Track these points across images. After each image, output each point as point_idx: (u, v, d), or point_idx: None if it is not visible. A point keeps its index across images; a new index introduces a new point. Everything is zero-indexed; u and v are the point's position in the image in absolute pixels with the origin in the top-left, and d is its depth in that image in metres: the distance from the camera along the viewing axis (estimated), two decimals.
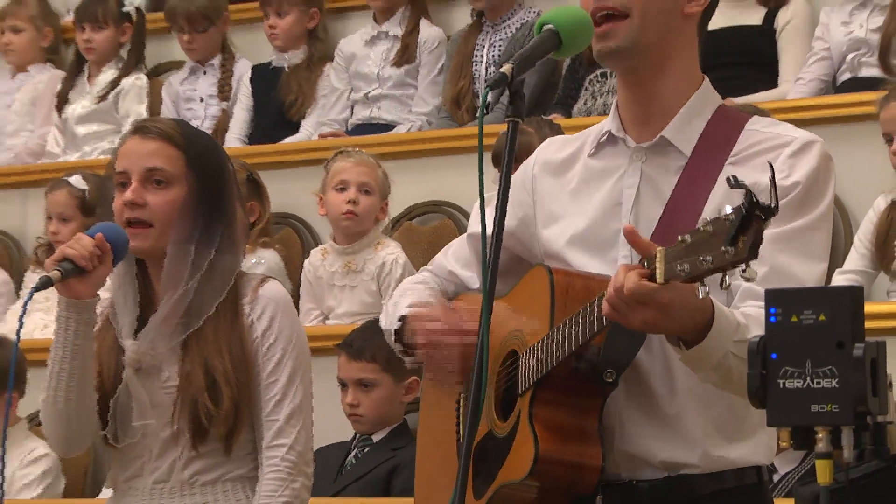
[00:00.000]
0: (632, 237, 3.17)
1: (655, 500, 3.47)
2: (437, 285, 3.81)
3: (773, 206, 2.91)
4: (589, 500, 3.46)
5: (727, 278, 2.98)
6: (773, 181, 2.94)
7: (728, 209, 2.93)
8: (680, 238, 3.06)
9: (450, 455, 3.73)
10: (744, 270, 2.96)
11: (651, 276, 3.09)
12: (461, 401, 3.76)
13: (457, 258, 3.82)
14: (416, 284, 3.82)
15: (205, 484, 4.11)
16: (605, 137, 3.58)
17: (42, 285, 3.99)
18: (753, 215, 2.91)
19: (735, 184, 2.95)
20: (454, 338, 3.53)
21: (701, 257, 2.99)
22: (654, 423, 3.46)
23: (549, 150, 3.71)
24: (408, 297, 3.74)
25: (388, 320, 3.76)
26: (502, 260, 3.57)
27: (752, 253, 2.93)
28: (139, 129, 4.14)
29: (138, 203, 4.05)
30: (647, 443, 3.46)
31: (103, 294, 4.13)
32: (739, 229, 2.93)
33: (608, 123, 3.58)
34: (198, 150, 4.14)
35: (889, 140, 6.00)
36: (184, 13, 8.21)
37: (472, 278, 3.77)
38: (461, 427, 3.74)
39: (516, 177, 3.69)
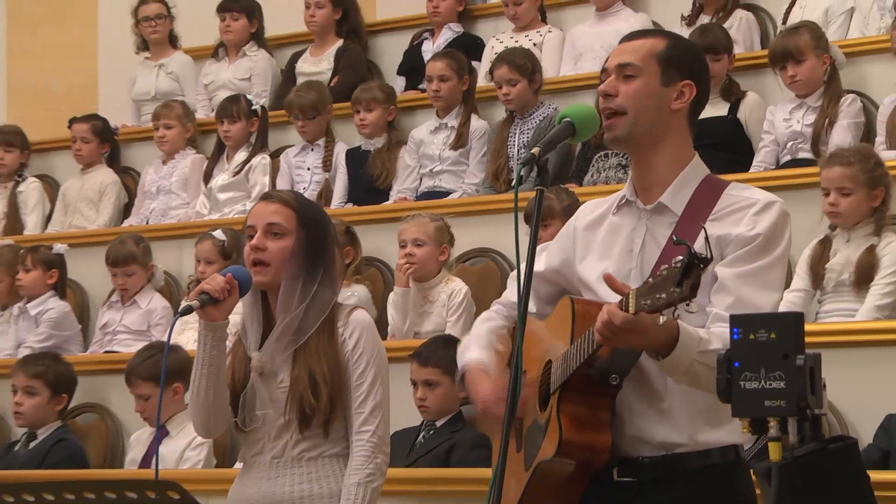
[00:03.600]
0: (610, 282, 3.25)
1: (656, 472, 3.45)
2: (500, 320, 3.81)
3: (708, 257, 2.98)
4: (607, 472, 3.45)
5: (676, 311, 3.05)
6: (706, 239, 3.02)
7: (678, 259, 2.98)
8: (645, 280, 3.13)
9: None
10: (688, 305, 3.06)
11: (625, 310, 3.14)
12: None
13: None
14: (483, 326, 3.83)
15: (309, 459, 4.11)
16: (623, 201, 3.61)
17: (185, 311, 4.06)
18: (693, 265, 2.97)
19: (677, 241, 3.03)
20: (498, 407, 3.53)
21: (658, 295, 3.05)
22: (653, 413, 3.45)
23: (586, 211, 3.73)
24: (472, 346, 3.77)
25: (459, 362, 3.79)
26: (550, 292, 3.71)
27: (693, 292, 3.00)
28: (265, 196, 4.24)
29: (260, 248, 4.09)
30: (647, 428, 3.46)
31: (233, 318, 4.15)
32: (684, 274, 2.98)
33: (625, 190, 3.62)
34: (307, 213, 4.18)
35: (826, 193, 5.97)
36: (298, 105, 8.25)
37: (530, 306, 3.71)
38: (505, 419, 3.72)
39: (563, 230, 3.75)
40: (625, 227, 3.56)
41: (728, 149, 7.03)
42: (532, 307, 3.70)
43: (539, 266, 3.66)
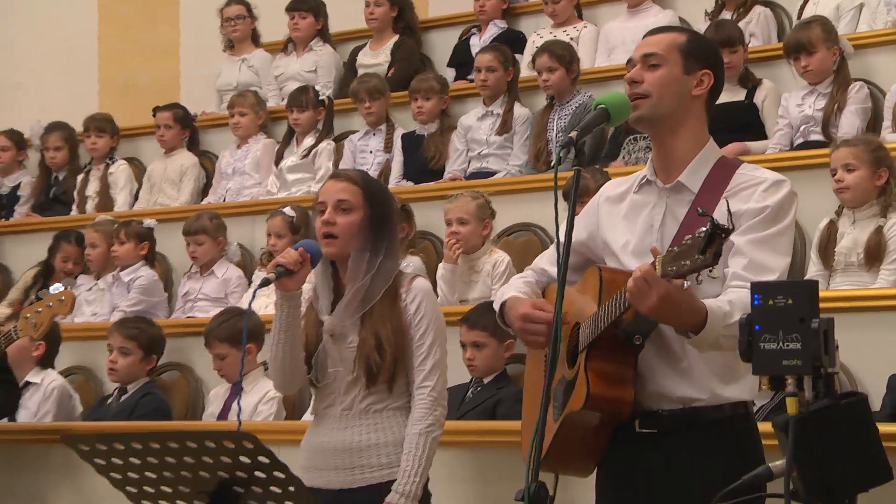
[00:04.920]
0: (654, 253, 3.21)
1: (675, 424, 3.47)
2: (532, 279, 3.79)
3: (730, 227, 2.98)
4: (630, 423, 3.46)
5: (699, 277, 3.06)
6: (728, 211, 2.99)
7: (701, 230, 2.97)
8: (669, 248, 3.14)
9: (540, 391, 3.73)
10: (710, 271, 3.06)
11: None
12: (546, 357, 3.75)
13: (548, 260, 3.84)
14: (518, 280, 3.83)
15: (375, 411, 4.12)
16: (643, 180, 3.61)
17: (264, 283, 4.07)
18: (716, 234, 2.97)
19: (702, 213, 3.02)
20: (542, 317, 3.56)
21: (682, 262, 3.07)
22: (673, 372, 3.46)
23: (609, 188, 3.73)
24: (509, 289, 3.77)
25: (496, 304, 3.77)
26: (578, 261, 3.69)
27: (715, 260, 3.01)
28: (334, 175, 4.24)
29: (331, 222, 4.09)
30: (668, 385, 3.46)
31: (306, 286, 4.14)
32: (707, 244, 2.98)
33: (646, 171, 3.62)
34: (372, 190, 4.18)
35: (834, 173, 5.95)
36: (365, 89, 8.27)
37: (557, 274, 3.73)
38: (545, 374, 3.73)
39: (588, 205, 3.74)
40: (646, 205, 3.56)
41: (744, 131, 7.00)
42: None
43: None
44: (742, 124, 7.01)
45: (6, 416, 5.78)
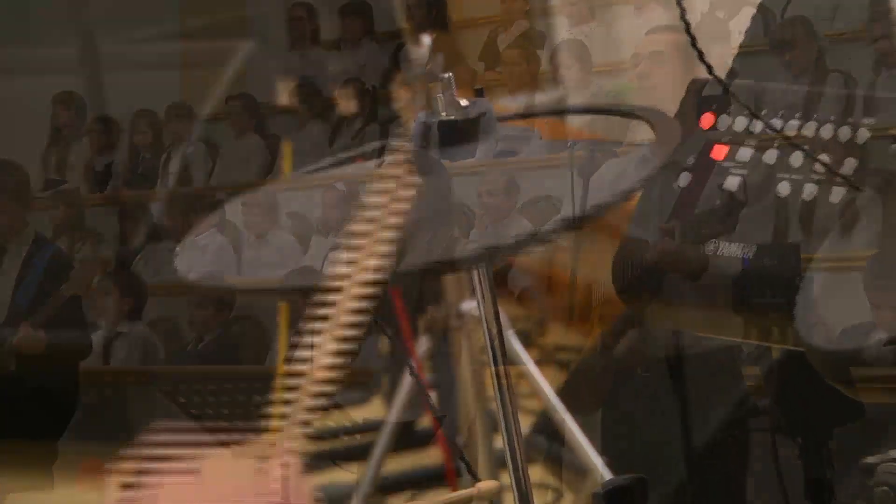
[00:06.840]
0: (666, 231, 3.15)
1: (670, 367, 3.45)
2: None
3: (745, 200, 2.94)
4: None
5: (717, 244, 2.95)
6: (744, 185, 2.94)
7: (717, 202, 2.93)
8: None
9: None
10: (729, 237, 2.94)
11: None
12: None
13: None
14: None
15: None
16: None
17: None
18: (734, 206, 2.94)
19: (721, 187, 2.95)
20: None
21: (702, 230, 2.97)
22: None
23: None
24: None
25: None
26: None
27: (734, 228, 2.91)
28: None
29: None
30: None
31: None
32: (727, 214, 2.94)
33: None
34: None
35: None
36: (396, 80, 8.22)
37: None
38: None
39: None
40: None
41: None
42: None
43: None
44: None
45: (79, 361, 5.87)
